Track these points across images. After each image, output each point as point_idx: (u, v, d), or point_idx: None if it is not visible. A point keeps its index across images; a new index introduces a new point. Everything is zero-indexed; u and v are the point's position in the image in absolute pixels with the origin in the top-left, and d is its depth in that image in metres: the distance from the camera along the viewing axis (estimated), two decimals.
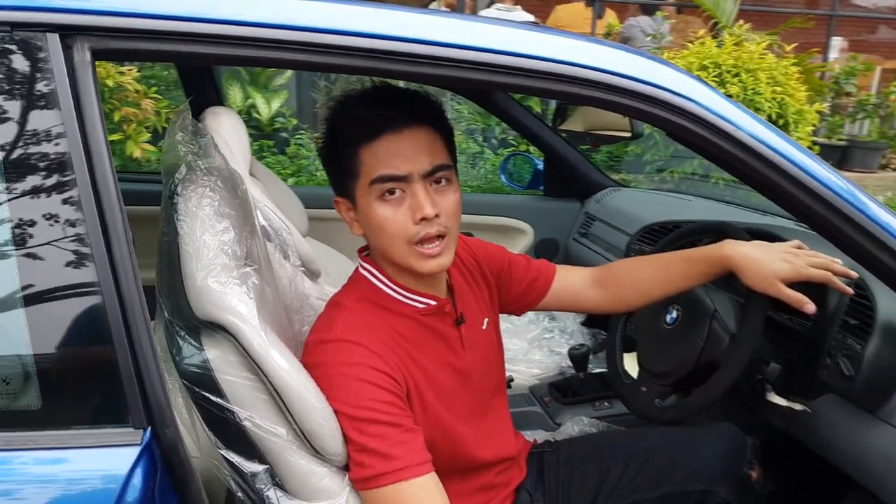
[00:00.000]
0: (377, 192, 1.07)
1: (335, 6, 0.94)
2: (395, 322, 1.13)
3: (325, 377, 1.04)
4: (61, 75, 0.83)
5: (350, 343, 1.06)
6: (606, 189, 2.78)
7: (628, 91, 0.99)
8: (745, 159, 1.04)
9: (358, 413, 1.02)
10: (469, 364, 1.22)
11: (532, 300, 1.44)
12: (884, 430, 1.22)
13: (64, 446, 0.79)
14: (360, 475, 1.02)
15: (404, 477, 1.00)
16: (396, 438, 1.02)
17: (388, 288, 1.16)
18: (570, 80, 0.99)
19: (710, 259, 1.31)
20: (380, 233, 1.09)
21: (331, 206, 2.80)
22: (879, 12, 9.47)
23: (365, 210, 1.10)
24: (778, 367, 1.33)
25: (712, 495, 1.33)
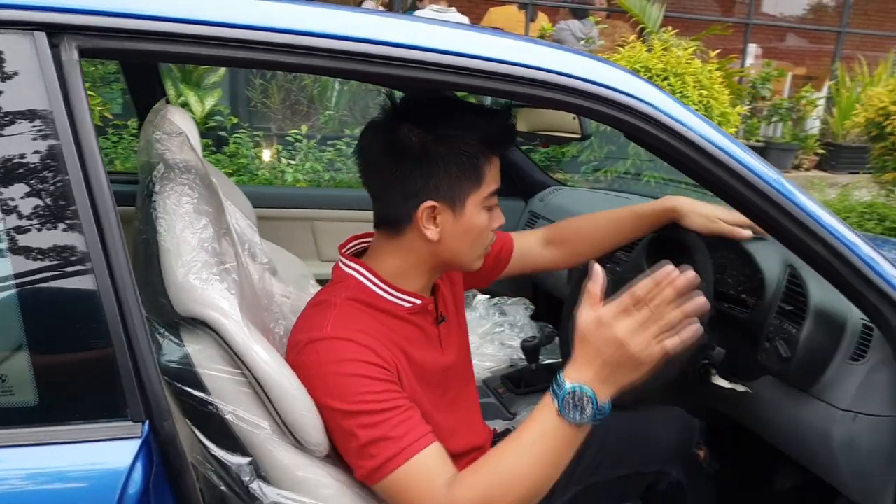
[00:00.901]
0: (489, 203, 1.15)
1: (314, 9, 0.97)
2: (385, 320, 1.15)
3: (320, 376, 1.06)
4: (50, 74, 0.83)
5: (340, 340, 1.07)
6: (549, 188, 2.88)
7: (589, 94, 1.06)
8: (696, 158, 1.12)
9: (357, 407, 1.04)
10: (447, 360, 1.27)
11: (498, 272, 1.54)
12: (816, 405, 1.33)
13: (63, 441, 0.80)
14: (372, 465, 1.03)
15: (412, 453, 1.02)
16: (397, 420, 1.04)
17: (378, 288, 1.17)
18: (531, 82, 1.03)
19: (657, 211, 1.50)
20: (474, 239, 1.16)
21: (278, 205, 2.77)
22: (791, 21, 9.98)
23: (472, 217, 1.14)
24: (723, 352, 1.42)
25: (665, 475, 1.43)
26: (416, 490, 1.02)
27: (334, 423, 1.06)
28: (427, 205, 1.11)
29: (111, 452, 0.81)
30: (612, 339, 0.95)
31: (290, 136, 5.01)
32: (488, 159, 1.13)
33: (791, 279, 1.41)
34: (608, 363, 0.97)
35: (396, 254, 1.18)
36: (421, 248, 1.16)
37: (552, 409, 0.99)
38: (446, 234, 1.13)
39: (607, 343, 0.96)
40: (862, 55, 8.38)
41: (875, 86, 6.79)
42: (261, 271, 1.42)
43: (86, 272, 0.81)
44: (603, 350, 0.96)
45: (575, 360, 1.00)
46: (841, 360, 1.29)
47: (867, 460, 1.27)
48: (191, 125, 1.96)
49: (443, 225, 1.12)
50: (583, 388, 0.97)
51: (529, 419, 1.03)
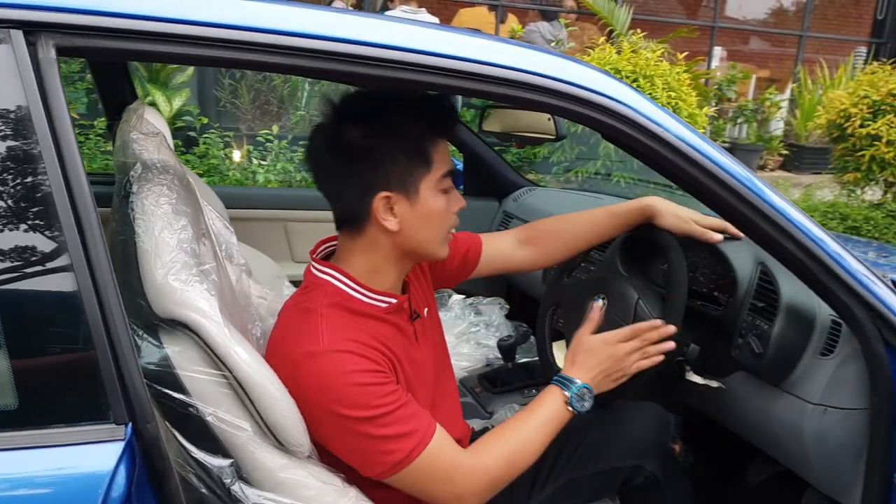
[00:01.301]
0: (443, 186, 1.17)
1: (295, 9, 0.97)
2: (365, 324, 1.16)
3: (327, 389, 1.07)
4: (27, 72, 0.82)
5: (340, 353, 1.08)
6: (522, 188, 2.90)
7: (568, 95, 1.07)
8: (671, 158, 1.14)
9: (374, 413, 1.07)
10: (424, 355, 1.28)
11: (467, 272, 1.55)
12: (787, 399, 1.36)
13: (44, 445, 0.78)
14: (394, 460, 1.08)
15: (428, 440, 1.10)
16: (408, 414, 1.10)
17: (355, 292, 1.18)
18: (511, 83, 1.05)
19: (633, 210, 1.52)
20: (436, 223, 1.18)
21: (250, 205, 2.76)
22: (754, 25, 10.17)
23: (427, 202, 1.15)
24: (697, 349, 1.45)
25: (641, 470, 1.45)
26: (441, 466, 1.11)
27: (345, 429, 1.08)
28: (381, 196, 1.12)
29: (94, 455, 0.79)
30: (612, 355, 1.26)
31: (260, 136, 4.97)
32: (434, 142, 1.15)
33: (762, 277, 1.44)
34: (603, 372, 1.26)
35: (363, 252, 1.19)
36: (384, 242, 1.17)
37: (561, 398, 1.23)
38: (405, 222, 1.15)
39: (608, 357, 1.26)
40: (822, 58, 8.58)
41: (835, 89, 6.95)
42: (238, 272, 1.41)
43: (67, 273, 0.79)
44: (603, 362, 1.26)
45: (576, 365, 1.27)
46: (811, 355, 1.32)
47: (837, 453, 1.30)
48: (164, 125, 1.94)
49: (401, 214, 1.14)
50: (587, 387, 1.24)
51: (537, 404, 1.24)
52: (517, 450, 1.18)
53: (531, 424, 1.21)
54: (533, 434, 1.20)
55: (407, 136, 1.13)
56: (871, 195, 5.60)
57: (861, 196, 5.51)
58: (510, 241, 1.60)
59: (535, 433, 1.20)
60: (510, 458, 1.17)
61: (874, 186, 5.43)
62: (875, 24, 9.84)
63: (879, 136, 4.93)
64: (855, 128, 5.03)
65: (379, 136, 1.12)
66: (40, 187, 0.80)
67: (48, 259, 0.80)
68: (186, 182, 1.13)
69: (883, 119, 4.93)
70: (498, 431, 1.21)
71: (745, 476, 1.87)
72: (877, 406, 1.20)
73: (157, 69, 5.29)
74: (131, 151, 1.07)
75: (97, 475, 0.78)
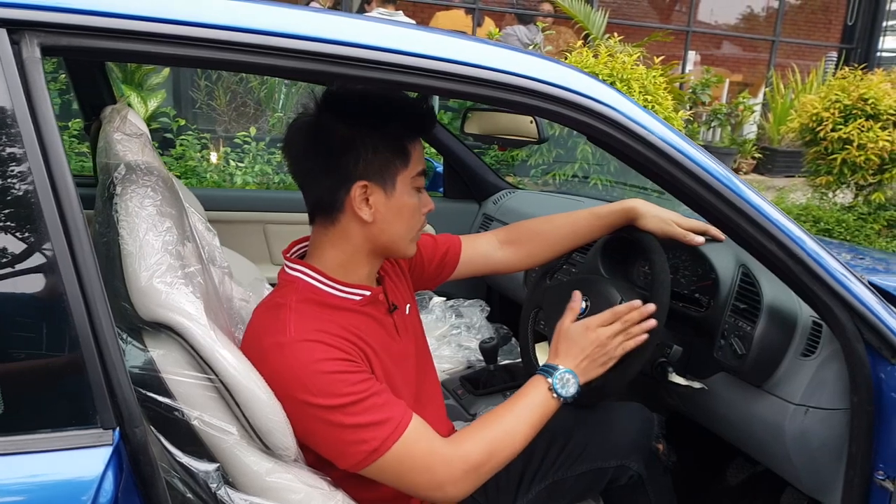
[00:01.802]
0: (416, 184, 1.20)
1: (284, 10, 0.96)
2: (338, 317, 1.16)
3: (295, 378, 1.06)
4: (11, 72, 0.80)
5: (308, 342, 1.08)
6: (502, 191, 2.91)
7: (556, 98, 1.08)
8: (656, 160, 1.15)
9: (344, 401, 1.06)
10: (405, 348, 1.29)
11: (446, 273, 1.56)
12: (768, 400, 1.38)
13: (30, 451, 0.76)
14: (367, 450, 1.07)
15: (403, 429, 1.09)
16: (381, 402, 1.09)
17: (325, 286, 1.19)
18: (498, 85, 1.05)
19: (615, 212, 1.54)
20: (405, 220, 1.20)
21: (228, 207, 2.73)
22: (728, 30, 10.31)
23: (402, 197, 1.18)
24: (680, 350, 1.46)
25: (626, 469, 1.46)
26: (417, 455, 1.10)
27: (316, 418, 1.07)
28: (360, 184, 1.14)
29: (81, 461, 0.78)
30: (595, 339, 1.27)
31: (238, 138, 4.93)
32: (413, 140, 1.18)
33: (744, 278, 1.46)
34: (587, 358, 1.26)
35: (335, 244, 1.20)
36: (357, 233, 1.18)
37: (544, 385, 1.22)
38: (379, 214, 1.17)
39: (591, 343, 1.27)
40: (794, 63, 8.72)
41: (807, 93, 7.07)
42: (220, 275, 1.39)
43: (53, 276, 0.78)
44: (586, 348, 1.26)
45: (559, 353, 1.28)
46: (793, 356, 1.34)
47: (818, 453, 1.32)
48: (143, 127, 1.92)
49: (376, 205, 1.16)
50: (570, 372, 1.24)
51: (523, 393, 1.23)
52: (499, 437, 1.16)
53: (513, 412, 1.19)
54: (516, 421, 1.18)
55: (389, 131, 1.15)
56: (842, 198, 5.70)
57: (833, 199, 5.61)
58: (491, 242, 1.61)
59: (517, 421, 1.18)
60: (491, 445, 1.15)
61: (845, 189, 5.53)
62: (845, 30, 10.04)
63: (851, 140, 5.03)
64: (827, 132, 5.12)
65: (362, 128, 1.14)
66: (25, 189, 0.79)
67: (34, 261, 0.79)
68: (171, 184, 1.11)
69: (854, 123, 5.03)
70: (482, 420, 1.20)
71: (724, 476, 1.89)
72: (857, 406, 1.22)
73: (132, 70, 5.23)
74: (114, 152, 1.05)
75: (84, 481, 0.76)
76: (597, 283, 1.54)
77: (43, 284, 0.80)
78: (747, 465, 1.84)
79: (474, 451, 1.13)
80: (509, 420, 1.18)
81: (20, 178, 0.79)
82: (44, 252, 0.79)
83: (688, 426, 1.71)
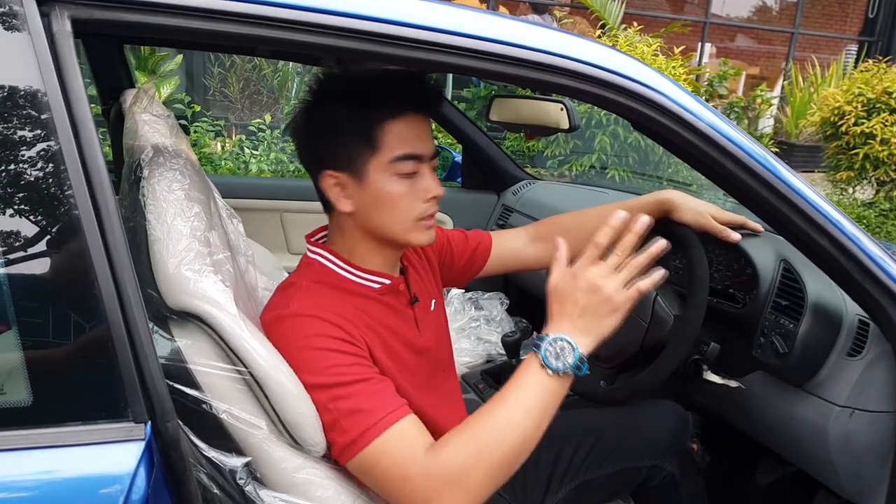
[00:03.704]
0: (396, 170, 1.09)
1: None
2: (354, 301, 1.13)
3: (288, 353, 1.01)
4: (41, 47, 0.76)
5: (306, 317, 1.05)
6: (522, 182, 2.86)
7: (603, 82, 1.03)
8: (704, 148, 1.10)
9: (328, 380, 1.01)
10: (425, 342, 1.24)
11: (476, 269, 1.51)
12: (811, 401, 1.33)
13: (60, 444, 0.73)
14: (346, 440, 0.99)
15: (387, 425, 0.98)
16: (368, 391, 1.01)
17: (343, 270, 1.16)
18: (545, 68, 1.00)
19: (649, 204, 1.46)
20: (389, 209, 1.11)
21: (245, 195, 2.70)
22: (746, 21, 10.20)
23: (377, 185, 1.09)
24: (718, 347, 1.42)
25: (659, 470, 1.42)
26: (393, 460, 0.98)
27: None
28: (326, 174, 1.11)
29: (113, 456, 0.74)
30: (586, 285, 1.01)
31: (252, 125, 4.89)
32: (381, 123, 1.07)
33: (785, 273, 1.41)
34: (585, 311, 1.01)
35: (339, 233, 1.18)
36: (348, 223, 1.15)
37: (535, 362, 1.00)
38: (358, 203, 1.11)
39: (582, 291, 1.01)
40: (813, 56, 8.61)
41: (827, 86, 6.97)
42: (245, 263, 1.36)
43: (84, 262, 0.74)
44: (579, 299, 1.01)
45: (551, 317, 1.03)
46: (837, 356, 1.29)
47: (863, 457, 1.27)
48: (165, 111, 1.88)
49: (353, 196, 1.11)
50: (562, 337, 1.00)
51: (512, 378, 1.02)
52: (486, 435, 0.97)
53: (502, 401, 0.99)
54: (506, 411, 0.98)
55: (352, 115, 1.08)
56: (861, 194, 5.62)
57: (853, 195, 5.53)
58: (521, 237, 1.56)
59: (508, 410, 0.98)
60: (477, 446, 0.97)
61: (866, 185, 5.45)
62: (866, 22, 9.90)
63: (873, 135, 4.95)
64: (849, 126, 5.04)
65: (329, 113, 1.10)
66: (56, 172, 0.74)
67: (64, 248, 0.75)
68: (198, 167, 1.07)
69: (877, 117, 4.95)
70: (467, 421, 1.01)
71: (753, 477, 1.84)
72: None
73: (145, 57, 5.20)
74: (141, 134, 1.01)
75: (117, 477, 0.73)
76: None
77: (74, 271, 0.75)
78: (777, 467, 1.79)
79: (455, 457, 0.96)
80: (498, 411, 0.99)
81: (51, 159, 0.75)
82: (75, 237, 0.75)
83: (713, 424, 1.67)
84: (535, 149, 4.98)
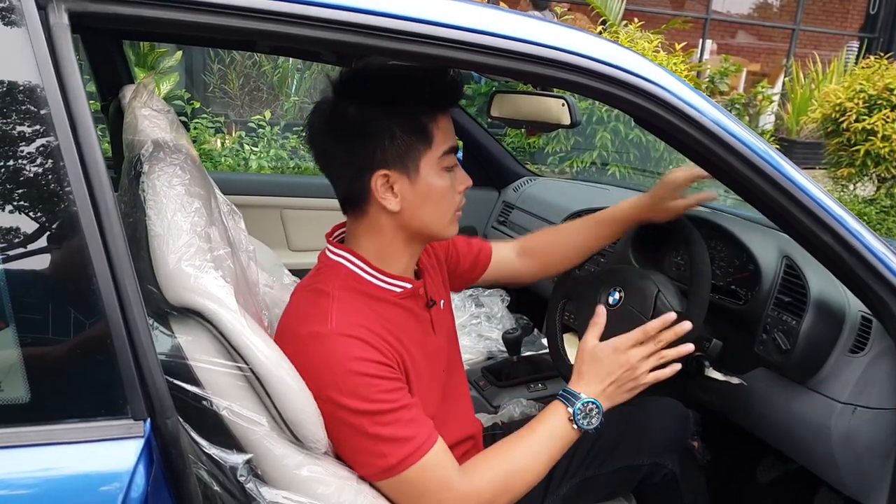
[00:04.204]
0: (444, 164, 1.11)
1: None
2: (380, 308, 1.12)
3: (329, 373, 1.01)
4: (38, 40, 0.75)
5: (348, 337, 1.03)
6: (523, 178, 2.85)
7: (609, 77, 1.02)
8: (709, 145, 1.09)
9: (371, 407, 1.01)
10: (439, 345, 1.24)
11: (475, 275, 1.52)
12: (813, 398, 1.33)
13: (58, 442, 0.72)
14: (384, 465, 1.02)
15: (424, 452, 1.03)
16: (407, 418, 1.03)
17: (368, 275, 1.14)
18: (552, 63, 1.00)
19: (624, 218, 1.50)
20: (437, 203, 1.12)
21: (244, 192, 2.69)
22: (747, 18, 10.18)
23: (429, 180, 1.10)
24: (720, 344, 1.41)
25: (660, 467, 1.41)
26: (431, 484, 1.04)
27: (339, 418, 1.02)
28: (379, 174, 1.08)
29: (111, 453, 0.73)
30: (625, 362, 1.16)
31: (252, 122, 4.88)
32: (433, 118, 1.09)
33: (788, 270, 1.40)
34: (615, 382, 1.17)
35: (370, 234, 1.14)
36: (388, 223, 1.12)
37: (564, 415, 1.15)
38: (406, 202, 1.10)
39: (620, 365, 1.16)
40: (814, 52, 8.59)
41: (828, 83, 6.96)
42: (246, 260, 1.35)
43: (82, 258, 0.73)
44: (614, 371, 1.16)
45: (583, 376, 1.18)
46: (840, 353, 1.29)
47: (865, 454, 1.27)
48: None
49: (401, 193, 1.09)
50: (594, 401, 1.15)
51: (540, 421, 1.15)
52: (515, 472, 1.10)
53: (531, 445, 1.13)
54: (533, 456, 1.12)
55: (405, 112, 1.07)
56: (862, 191, 5.61)
57: (854, 191, 5.52)
58: (511, 250, 1.57)
59: (536, 455, 1.12)
60: (506, 481, 1.09)
61: (867, 182, 5.44)
62: (867, 19, 9.88)
63: (875, 131, 4.94)
64: (850, 122, 5.03)
65: (376, 112, 1.07)
66: (53, 168, 0.74)
67: (63, 244, 0.74)
68: (198, 163, 1.07)
69: (878, 114, 4.94)
70: (496, 451, 1.13)
71: (754, 474, 1.84)
72: None
73: (144, 53, 5.18)
74: (141, 129, 1.00)
75: (116, 474, 0.72)
76: (631, 273, 1.49)
77: (72, 268, 0.75)
78: (779, 464, 1.79)
79: (489, 488, 1.08)
80: (526, 453, 1.12)
81: (49, 155, 0.74)
82: (73, 234, 0.74)
83: (714, 422, 1.66)
84: (536, 145, 4.97)
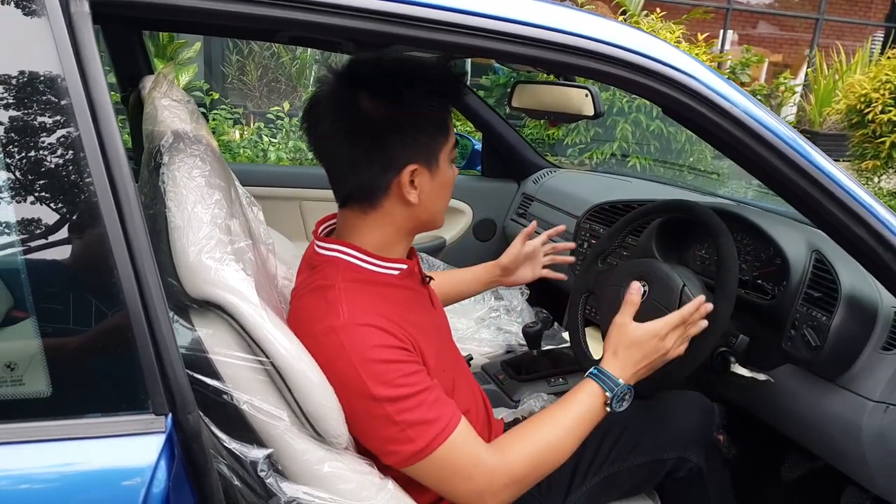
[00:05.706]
0: (452, 156, 1.14)
1: None
2: (385, 292, 1.11)
3: (349, 365, 1.00)
4: (59, 28, 0.74)
5: (362, 326, 1.02)
6: (543, 170, 2.82)
7: (637, 66, 1.00)
8: (739, 135, 1.06)
9: (395, 392, 1.00)
10: (440, 319, 1.27)
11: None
12: (843, 395, 1.30)
13: (79, 437, 0.71)
14: (413, 450, 1.01)
15: (450, 431, 1.03)
16: (431, 400, 1.03)
17: (366, 263, 1.12)
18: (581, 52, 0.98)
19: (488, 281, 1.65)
20: (447, 192, 1.16)
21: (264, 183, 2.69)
22: (769, 7, 10.03)
23: (444, 172, 1.13)
24: (746, 340, 1.38)
25: (685, 461, 1.39)
26: (460, 461, 1.04)
27: (364, 410, 1.01)
28: (408, 169, 1.07)
29: (133, 448, 0.72)
30: (661, 347, 1.20)
31: (270, 113, 4.88)
32: (448, 111, 1.13)
33: (817, 264, 1.37)
34: (648, 366, 1.20)
35: (377, 227, 1.13)
36: (400, 215, 1.12)
37: (600, 398, 1.15)
38: (424, 194, 1.11)
39: (657, 350, 1.20)
40: (837, 43, 8.44)
41: (852, 74, 6.84)
42: (265, 252, 1.34)
43: (103, 250, 0.72)
44: (650, 355, 1.19)
45: (619, 357, 1.19)
46: (872, 350, 1.25)
47: None
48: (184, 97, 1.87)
49: (421, 186, 1.10)
50: (630, 387, 1.18)
51: (572, 401, 1.15)
52: (546, 450, 1.10)
53: (564, 423, 1.12)
54: (565, 434, 1.12)
55: (430, 107, 1.08)
56: (887, 183, 5.52)
57: (878, 184, 5.43)
58: None
59: (567, 434, 1.12)
60: (538, 458, 1.09)
61: (892, 175, 5.35)
62: (892, 8, 9.71)
63: None
64: (876, 114, 4.94)
65: (405, 108, 1.06)
66: (74, 158, 0.73)
67: (83, 236, 0.73)
68: (218, 154, 1.05)
69: None
70: (527, 428, 1.13)
71: (779, 471, 1.81)
72: None
73: (163, 44, 5.20)
74: (161, 119, 0.99)
75: (137, 469, 0.71)
76: (655, 266, 1.46)
77: (93, 260, 0.74)
78: (804, 461, 1.76)
79: (520, 464, 1.08)
80: (558, 433, 1.12)
81: (70, 145, 0.73)
82: (94, 225, 0.73)
83: (739, 416, 1.63)
84: (556, 137, 4.92)
